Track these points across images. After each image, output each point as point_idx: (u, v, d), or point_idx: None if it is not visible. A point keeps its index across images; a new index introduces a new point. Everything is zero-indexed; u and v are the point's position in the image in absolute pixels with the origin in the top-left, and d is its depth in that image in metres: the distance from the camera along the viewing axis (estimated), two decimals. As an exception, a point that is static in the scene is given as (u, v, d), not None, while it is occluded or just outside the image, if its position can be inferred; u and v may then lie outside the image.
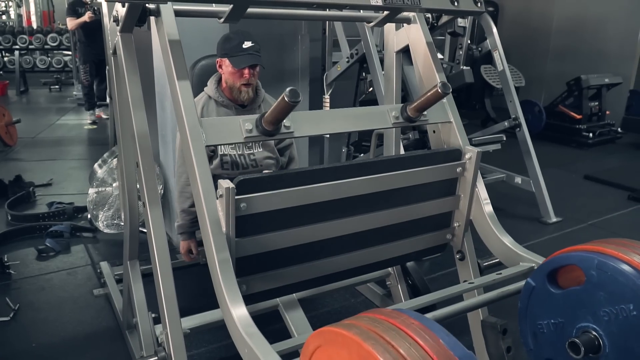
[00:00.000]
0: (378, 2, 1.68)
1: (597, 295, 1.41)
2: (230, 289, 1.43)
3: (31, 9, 15.21)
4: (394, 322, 1.07)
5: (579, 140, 6.63)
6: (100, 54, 6.17)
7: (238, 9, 1.57)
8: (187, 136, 1.48)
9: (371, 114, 1.86)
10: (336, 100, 4.13)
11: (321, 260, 1.74)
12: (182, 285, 1.67)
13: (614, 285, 1.37)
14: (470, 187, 1.91)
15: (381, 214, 1.79)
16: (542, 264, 1.58)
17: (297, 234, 1.64)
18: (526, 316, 1.60)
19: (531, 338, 1.60)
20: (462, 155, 1.91)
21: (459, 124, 1.97)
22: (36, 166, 5.23)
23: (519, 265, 1.84)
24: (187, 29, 1.75)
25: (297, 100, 1.42)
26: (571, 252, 1.50)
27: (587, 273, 1.42)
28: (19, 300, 2.73)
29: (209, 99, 2.40)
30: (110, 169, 3.51)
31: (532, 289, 1.57)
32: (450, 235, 2.03)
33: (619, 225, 4.02)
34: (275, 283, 1.69)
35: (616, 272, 1.36)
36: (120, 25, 1.62)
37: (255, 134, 1.57)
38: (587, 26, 7.65)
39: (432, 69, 2.00)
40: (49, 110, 8.49)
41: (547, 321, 1.55)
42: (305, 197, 1.60)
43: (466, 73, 4.91)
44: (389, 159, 1.82)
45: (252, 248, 1.57)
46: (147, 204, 1.66)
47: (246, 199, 1.48)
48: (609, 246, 1.44)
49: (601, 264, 1.39)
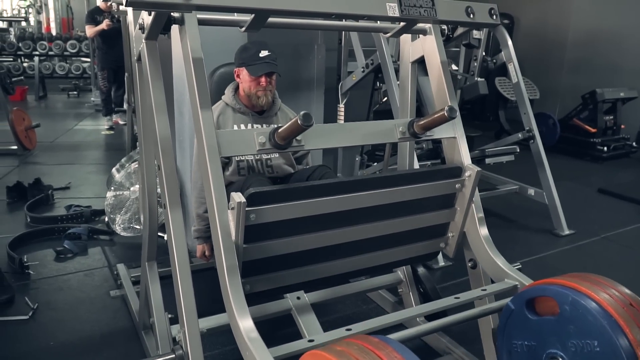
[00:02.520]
0: (395, 13, 1.72)
1: (567, 328, 1.57)
2: (236, 296, 1.53)
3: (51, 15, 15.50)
4: (380, 354, 1.24)
5: (593, 154, 6.61)
6: (118, 61, 6.30)
7: (259, 18, 1.62)
8: (204, 147, 1.56)
9: (379, 129, 1.96)
10: (351, 110, 4.16)
11: (321, 264, 1.85)
12: (196, 288, 1.71)
13: (583, 321, 1.52)
14: (467, 202, 2.02)
15: (381, 224, 1.91)
16: (522, 291, 1.73)
17: (302, 241, 1.75)
18: (503, 334, 1.77)
19: (506, 355, 1.78)
20: (463, 172, 1.99)
21: (463, 141, 2.05)
22: (55, 170, 5.32)
23: (504, 282, 1.95)
24: (207, 38, 1.80)
25: (309, 124, 1.51)
26: (550, 284, 1.64)
27: (561, 307, 1.58)
28: (37, 299, 2.79)
29: (226, 106, 2.45)
30: (128, 173, 3.58)
31: (511, 312, 1.74)
32: (444, 244, 2.15)
33: (631, 239, 4.01)
34: (277, 283, 1.80)
35: (586, 310, 1.51)
36: (146, 33, 1.68)
37: (268, 147, 1.65)
38: (602, 39, 7.64)
39: (442, 84, 2.06)
40: (67, 116, 8.61)
41: (521, 342, 1.72)
42: (311, 209, 1.71)
43: (481, 85, 4.95)
44: (392, 176, 1.91)
45: (259, 253, 1.68)
46: (168, 207, 1.71)
47: (256, 211, 1.59)
48: (584, 283, 1.58)
49: (574, 301, 1.54)
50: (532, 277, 3.15)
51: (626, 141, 6.87)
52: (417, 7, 1.78)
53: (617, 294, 1.56)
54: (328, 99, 4.04)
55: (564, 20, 8.17)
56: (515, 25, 8.87)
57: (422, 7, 1.79)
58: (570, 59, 8.12)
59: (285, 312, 2.22)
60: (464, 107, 8.19)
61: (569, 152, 6.74)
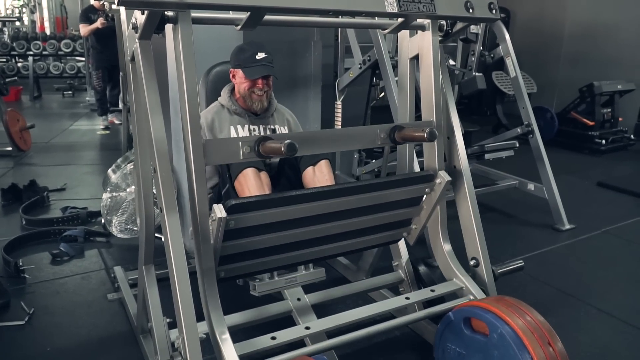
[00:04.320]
0: (393, 9, 1.69)
1: (492, 352, 1.81)
2: (211, 297, 1.76)
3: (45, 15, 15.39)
4: None
5: (592, 147, 6.59)
6: (113, 60, 6.23)
7: (255, 16, 1.58)
8: (190, 154, 1.63)
9: (362, 134, 2.06)
10: (348, 107, 4.14)
11: (291, 253, 2.02)
12: (195, 290, 1.69)
13: (507, 352, 1.75)
14: (433, 205, 2.16)
15: (350, 221, 2.04)
16: (463, 308, 1.96)
17: (275, 238, 1.90)
18: (441, 335, 2.05)
19: (440, 352, 2.06)
20: (434, 178, 2.12)
21: (440, 148, 2.15)
22: (50, 171, 5.27)
23: (452, 282, 2.24)
24: (202, 36, 1.77)
25: (292, 154, 1.58)
26: (487, 310, 1.85)
27: (491, 334, 1.82)
28: (33, 304, 2.75)
29: (222, 107, 2.42)
30: (124, 174, 3.53)
31: (450, 321, 1.99)
32: (407, 234, 2.33)
33: (632, 232, 3.99)
34: (250, 270, 2.01)
35: (510, 345, 1.73)
36: (139, 33, 1.64)
37: (253, 156, 1.73)
38: (599, 32, 7.62)
39: (430, 88, 2.12)
40: (62, 116, 8.56)
41: (454, 347, 1.99)
42: (287, 215, 1.85)
43: (478, 79, 4.93)
44: (364, 185, 2.02)
45: (235, 249, 1.85)
46: (164, 209, 1.68)
47: (235, 218, 1.73)
48: (518, 320, 1.77)
49: (503, 333, 1.76)
50: (535, 274, 3.13)
51: (624, 134, 6.85)
52: (416, 2, 1.74)
53: (538, 329, 1.78)
54: (325, 96, 4.02)
55: (561, 14, 8.15)
56: (512, 19, 8.85)
57: (421, 3, 1.76)
58: (567, 53, 8.10)
59: (286, 314, 2.19)
60: (461, 102, 8.18)
61: (567, 146, 6.73)
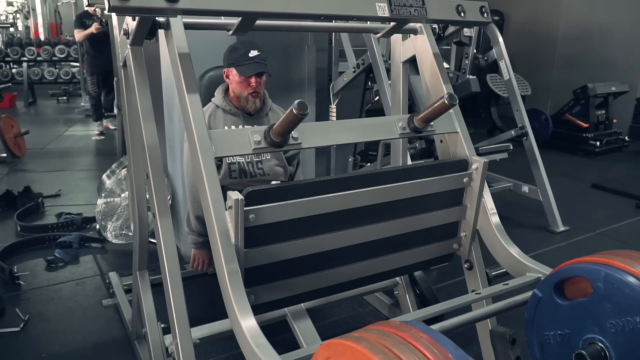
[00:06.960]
0: (385, 13, 1.69)
1: (603, 307, 1.41)
2: (239, 300, 1.43)
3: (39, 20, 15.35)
4: (403, 335, 1.07)
5: (586, 149, 6.61)
6: (107, 66, 6.24)
7: (246, 21, 1.58)
8: (197, 148, 1.49)
9: (378, 125, 1.86)
10: (343, 110, 4.14)
11: (329, 271, 1.75)
12: (190, 295, 1.68)
13: (621, 297, 1.37)
14: (477, 197, 1.92)
15: (388, 224, 1.80)
16: (549, 276, 1.58)
17: (305, 245, 1.66)
18: (533, 327, 1.60)
19: (538, 349, 1.60)
20: (469, 165, 1.91)
21: (466, 134, 1.97)
22: (45, 177, 5.26)
23: (526, 276, 1.84)
24: (195, 41, 1.77)
25: (305, 113, 1.44)
26: (578, 263, 1.49)
27: (594, 285, 1.42)
28: (28, 310, 2.74)
29: (216, 108, 2.42)
30: (119, 179, 3.53)
31: (539, 300, 1.58)
32: (457, 245, 2.03)
33: (627, 234, 4.00)
34: (284, 293, 1.69)
35: (623, 284, 1.37)
36: (131, 39, 1.64)
37: (264, 145, 1.58)
38: (593, 34, 7.65)
39: (438, 80, 2.00)
40: (57, 122, 8.55)
41: (553, 332, 1.55)
42: (313, 208, 1.61)
43: (472, 82, 4.94)
44: (395, 170, 1.83)
45: (261, 258, 1.58)
46: (157, 215, 1.67)
47: (255, 210, 1.49)
48: (616, 258, 1.44)
49: (608, 276, 1.40)
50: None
51: (618, 135, 6.88)
52: (407, 6, 1.74)
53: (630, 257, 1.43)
54: (319, 100, 4.01)
55: (554, 16, 8.18)
56: (506, 21, 8.87)
57: (412, 7, 1.76)
58: (561, 55, 8.13)
59: (281, 319, 2.19)
60: (456, 105, 8.19)
61: (561, 148, 6.75)
